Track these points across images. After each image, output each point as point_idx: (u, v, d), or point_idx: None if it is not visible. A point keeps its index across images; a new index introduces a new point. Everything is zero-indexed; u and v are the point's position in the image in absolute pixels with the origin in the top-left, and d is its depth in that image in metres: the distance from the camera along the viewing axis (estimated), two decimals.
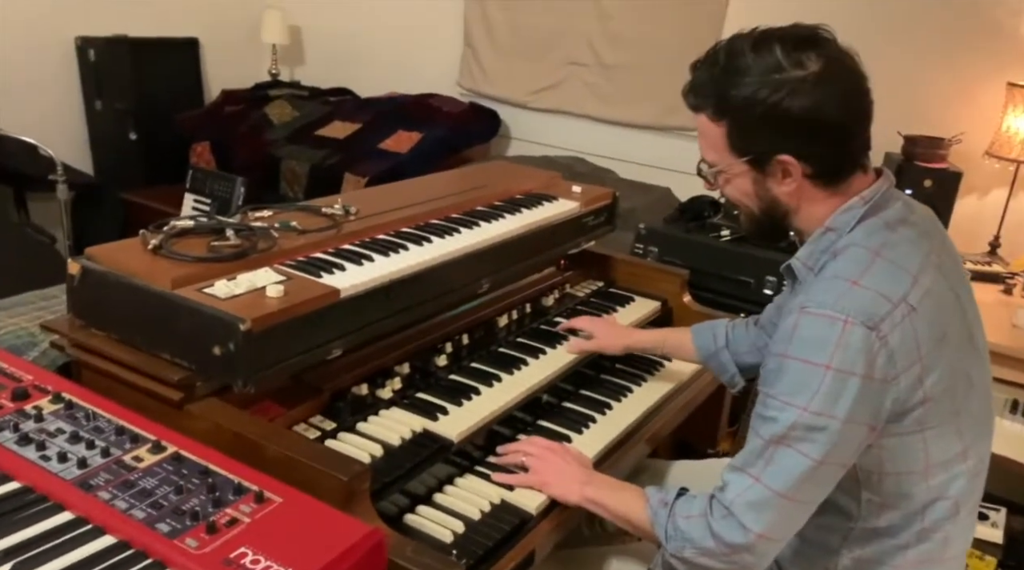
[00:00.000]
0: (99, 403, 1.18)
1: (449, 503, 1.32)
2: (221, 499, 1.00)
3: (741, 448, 1.21)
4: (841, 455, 1.12)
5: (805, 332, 1.11)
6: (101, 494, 1.00)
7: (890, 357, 1.09)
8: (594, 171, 3.43)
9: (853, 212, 1.20)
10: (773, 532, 1.14)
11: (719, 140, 1.22)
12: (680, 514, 1.22)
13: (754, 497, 1.14)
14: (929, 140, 2.77)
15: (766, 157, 1.19)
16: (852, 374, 1.08)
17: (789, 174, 1.19)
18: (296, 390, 1.41)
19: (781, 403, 1.12)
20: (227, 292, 1.26)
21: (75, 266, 1.33)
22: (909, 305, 1.11)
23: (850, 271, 1.13)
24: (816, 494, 1.16)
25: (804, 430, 1.10)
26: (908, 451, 1.16)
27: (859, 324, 1.08)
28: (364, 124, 3.72)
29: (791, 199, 1.22)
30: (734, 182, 1.25)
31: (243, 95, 4.14)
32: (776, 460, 1.12)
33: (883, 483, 1.18)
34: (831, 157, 1.18)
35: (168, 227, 1.43)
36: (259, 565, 0.91)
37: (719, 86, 1.18)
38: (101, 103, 3.85)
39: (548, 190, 2.05)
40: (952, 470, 1.19)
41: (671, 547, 1.22)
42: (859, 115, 1.18)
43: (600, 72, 3.57)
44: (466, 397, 1.50)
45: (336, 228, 1.57)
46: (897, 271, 1.14)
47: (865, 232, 1.18)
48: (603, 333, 1.77)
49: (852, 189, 1.21)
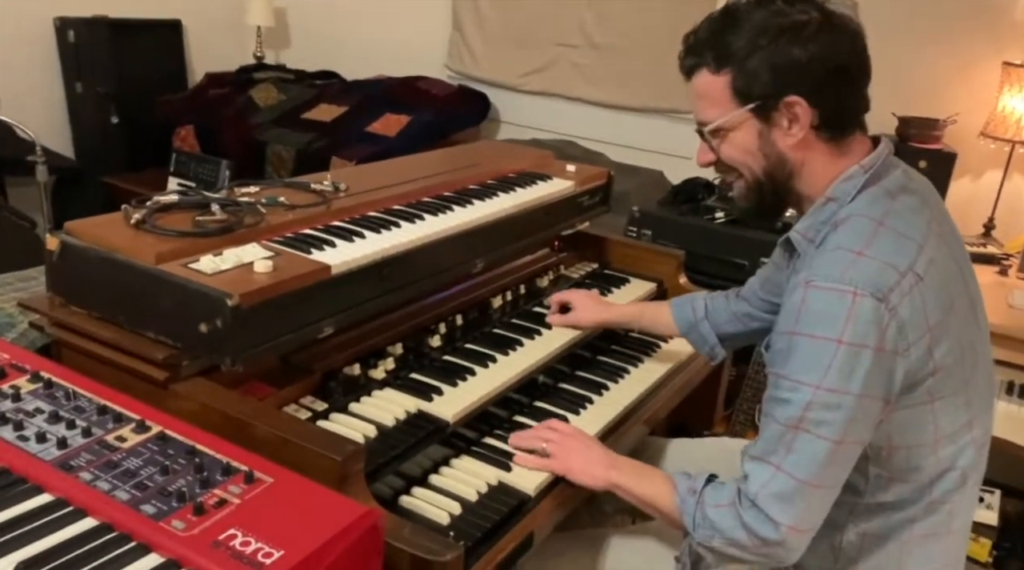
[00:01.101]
0: (80, 382, 1.13)
1: (445, 485, 1.28)
2: (209, 480, 0.96)
3: (736, 429, 1.17)
4: (859, 432, 1.10)
5: (813, 307, 1.08)
6: (82, 475, 0.95)
7: (900, 328, 1.07)
8: (585, 154, 3.39)
9: (854, 181, 1.17)
10: (802, 522, 1.11)
11: (721, 92, 1.17)
12: (709, 503, 1.18)
13: (779, 488, 1.10)
14: (923, 121, 2.74)
15: (773, 101, 1.14)
16: (864, 347, 1.05)
17: (796, 120, 1.15)
18: (286, 370, 1.37)
19: (793, 382, 1.09)
20: (213, 267, 1.21)
21: (54, 241, 1.27)
22: (916, 274, 1.09)
23: (854, 242, 1.11)
24: (839, 476, 1.13)
25: (820, 409, 1.07)
26: (918, 423, 1.14)
27: (868, 295, 1.05)
28: (351, 107, 3.66)
29: (797, 154, 1.18)
30: (736, 138, 1.19)
31: (228, 78, 4.06)
32: (797, 447, 1.09)
33: (892, 457, 1.16)
34: (838, 104, 1.15)
35: (151, 202, 1.38)
36: (249, 547, 0.87)
37: (720, 37, 1.16)
38: (82, 85, 3.77)
39: (542, 169, 2.01)
40: (960, 441, 1.17)
41: (699, 536, 1.18)
42: (862, 66, 1.16)
43: (590, 53, 3.52)
44: (461, 378, 1.46)
45: (326, 204, 1.53)
46: (902, 240, 1.11)
47: (867, 201, 1.15)
48: (580, 305, 1.72)
49: (854, 150, 1.19)
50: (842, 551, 1.24)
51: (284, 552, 0.86)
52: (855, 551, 1.23)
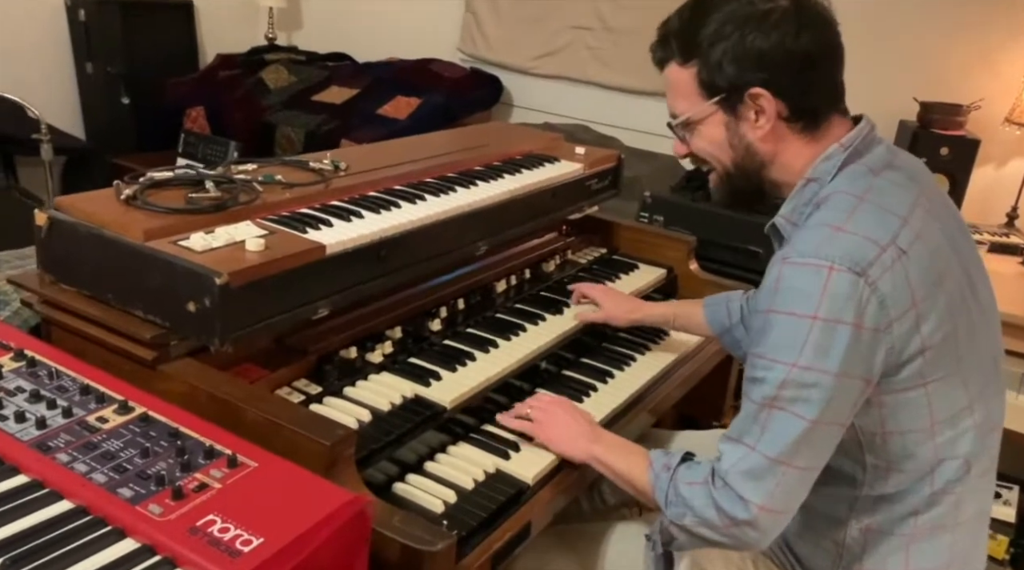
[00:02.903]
0: (65, 361, 1.10)
1: (441, 472, 1.24)
2: (190, 463, 0.93)
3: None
4: (837, 413, 1.05)
5: (788, 283, 1.04)
6: (60, 456, 0.92)
7: (881, 304, 1.02)
8: (598, 139, 3.33)
9: (834, 160, 1.13)
10: (774, 503, 1.07)
11: (688, 85, 1.16)
12: (682, 480, 1.15)
13: (749, 466, 1.07)
14: (946, 107, 2.66)
15: (737, 94, 1.13)
16: (840, 322, 1.01)
17: (763, 112, 1.13)
18: (280, 352, 1.33)
19: (768, 361, 1.05)
20: (204, 245, 1.17)
21: (42, 217, 1.24)
22: (899, 248, 1.05)
23: (834, 217, 1.07)
24: (815, 459, 1.08)
25: (796, 388, 1.03)
26: (911, 408, 1.09)
27: (845, 270, 1.01)
28: (362, 89, 3.62)
29: (766, 145, 1.16)
30: (704, 131, 1.18)
31: (239, 59, 4.02)
32: (771, 426, 1.05)
33: (887, 444, 1.11)
34: (805, 93, 1.12)
35: (144, 178, 1.35)
36: (228, 534, 0.83)
37: (686, 29, 1.16)
38: (92, 66, 3.74)
39: (550, 151, 1.96)
40: (959, 426, 1.12)
41: (671, 513, 1.15)
42: (831, 53, 1.13)
43: (605, 36, 3.46)
44: (460, 363, 1.42)
45: (324, 183, 1.49)
46: (884, 214, 1.07)
47: (848, 178, 1.12)
48: (611, 304, 1.67)
49: (831, 134, 1.15)
50: (846, 548, 1.20)
51: (264, 539, 0.83)
52: (859, 547, 1.19)
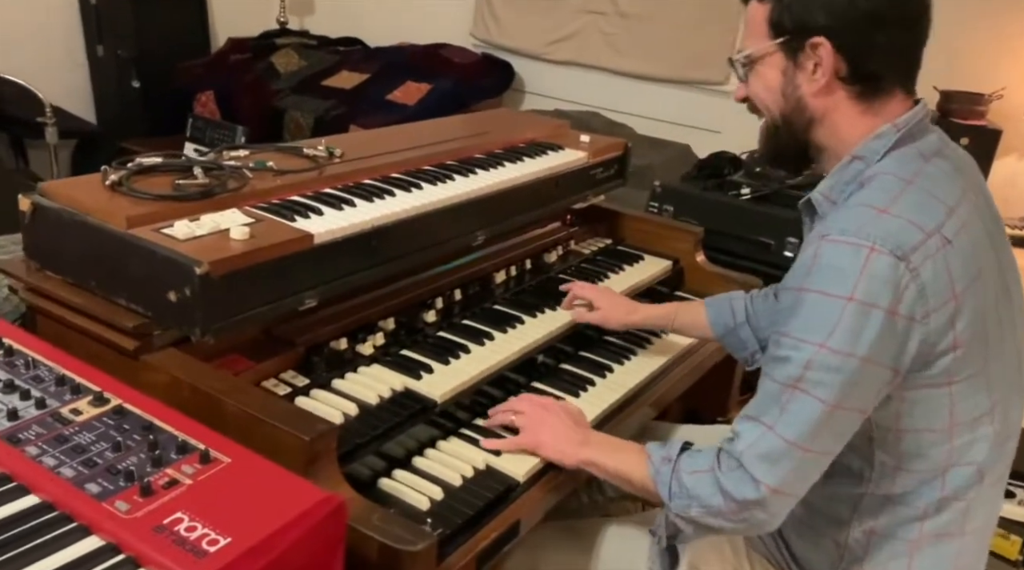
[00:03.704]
0: (44, 351, 1.08)
1: (429, 468, 1.21)
2: (162, 458, 0.90)
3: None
4: (860, 399, 1.01)
5: (825, 261, 1.00)
6: (29, 449, 0.90)
7: (921, 292, 0.98)
8: (609, 126, 3.28)
9: (884, 139, 1.08)
10: (786, 486, 1.04)
11: (760, 23, 1.13)
12: (685, 470, 1.11)
13: (766, 447, 1.03)
14: (967, 95, 2.59)
15: (800, 39, 1.08)
16: (875, 307, 0.97)
17: (820, 64, 1.07)
18: (268, 343, 1.31)
19: (795, 340, 1.01)
20: (187, 233, 1.15)
21: (26, 202, 1.22)
22: (944, 237, 1.00)
23: (878, 199, 1.02)
24: (832, 443, 1.05)
25: (821, 370, 0.99)
26: (932, 406, 1.05)
27: (886, 252, 0.97)
28: (372, 75, 3.58)
29: (818, 103, 1.10)
30: (762, 72, 1.14)
31: (249, 44, 4.00)
32: (792, 408, 1.01)
33: (900, 442, 1.07)
34: (867, 55, 1.06)
35: (132, 164, 1.32)
36: (194, 533, 0.81)
37: None
38: (103, 49, 3.73)
39: (554, 139, 1.92)
40: (977, 431, 1.08)
41: (675, 506, 1.12)
42: (909, 21, 1.07)
43: (618, 21, 3.40)
44: (453, 356, 1.39)
45: (318, 170, 1.46)
46: (931, 200, 1.03)
47: (896, 161, 1.07)
48: (607, 306, 1.60)
49: (887, 112, 1.09)
50: (848, 549, 1.16)
51: (231, 539, 0.80)
52: (861, 550, 1.16)
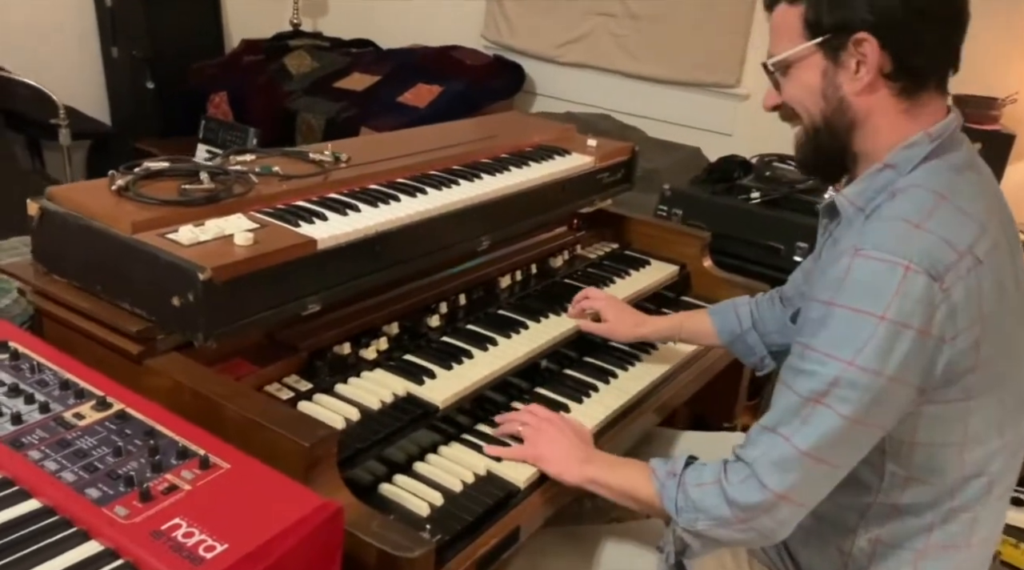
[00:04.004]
0: (49, 355, 1.09)
1: (430, 473, 1.22)
2: (162, 463, 0.91)
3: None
4: (882, 417, 1.01)
5: (859, 277, 0.98)
6: (31, 454, 0.91)
7: (951, 313, 0.97)
8: (620, 129, 3.27)
9: (917, 149, 1.06)
10: (796, 494, 1.03)
11: (793, 24, 1.09)
12: (691, 483, 1.11)
13: (779, 455, 1.02)
14: (980, 99, 2.57)
15: (842, 37, 1.05)
16: (908, 327, 0.96)
17: (864, 62, 1.05)
18: (271, 347, 1.31)
19: (822, 355, 1.00)
20: (191, 238, 1.16)
21: (34, 207, 1.23)
22: (975, 257, 0.99)
23: (913, 212, 1.00)
24: (849, 458, 1.04)
25: (847, 387, 0.98)
26: (948, 421, 1.04)
27: (923, 272, 0.96)
28: (383, 76, 3.60)
29: (860, 103, 1.07)
30: (800, 75, 1.11)
31: (263, 45, 4.02)
32: (812, 420, 1.01)
33: (913, 455, 1.06)
34: (913, 49, 1.04)
35: (140, 168, 1.34)
36: (192, 538, 0.81)
37: None
38: (118, 50, 3.77)
39: (561, 143, 1.92)
40: (989, 445, 1.07)
41: (683, 520, 1.11)
42: (953, 15, 1.04)
43: (629, 23, 3.39)
44: (456, 360, 1.39)
45: (323, 175, 1.46)
46: (964, 218, 1.01)
47: (929, 173, 1.05)
48: (615, 318, 1.60)
49: (925, 113, 1.07)
50: (852, 557, 1.16)
51: (228, 545, 0.81)
52: (866, 558, 1.15)
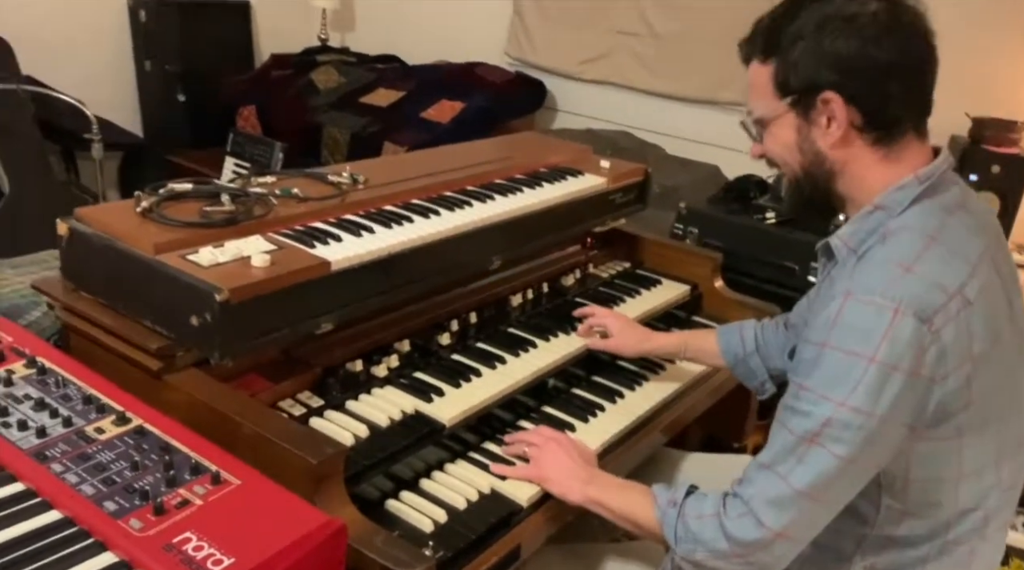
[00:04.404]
0: (74, 370, 1.15)
1: (435, 490, 1.25)
2: (176, 478, 0.96)
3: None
4: (875, 456, 1.03)
5: (850, 319, 1.01)
6: (54, 466, 0.96)
7: (941, 354, 0.99)
8: (640, 146, 3.30)
9: (907, 191, 1.08)
10: (793, 531, 1.06)
11: (766, 83, 1.13)
12: (691, 514, 1.13)
13: (776, 494, 1.05)
14: (1000, 123, 2.55)
15: (809, 96, 1.09)
16: (897, 368, 0.98)
17: (834, 118, 1.08)
18: (286, 364, 1.36)
19: (816, 396, 1.02)
20: (211, 260, 1.21)
21: (63, 227, 1.29)
22: (965, 298, 1.01)
23: (902, 255, 1.03)
24: (844, 495, 1.07)
25: (839, 427, 1.01)
26: (941, 457, 1.06)
27: (911, 315, 0.98)
28: (408, 92, 3.65)
29: (836, 154, 1.11)
30: (776, 132, 1.15)
31: (291, 60, 4.10)
32: (807, 460, 1.03)
33: (908, 490, 1.08)
34: (882, 103, 1.07)
35: (164, 190, 1.39)
36: (201, 552, 0.86)
37: (772, 27, 1.12)
38: (151, 64, 3.87)
39: (575, 164, 1.95)
40: (984, 480, 1.09)
41: (681, 550, 1.14)
42: (918, 66, 1.07)
43: (651, 42, 3.42)
44: (465, 379, 1.43)
45: (341, 197, 1.51)
46: (954, 259, 1.03)
47: (919, 214, 1.07)
48: (620, 333, 1.63)
49: (906, 157, 1.10)
50: None
51: (235, 560, 0.85)
52: None
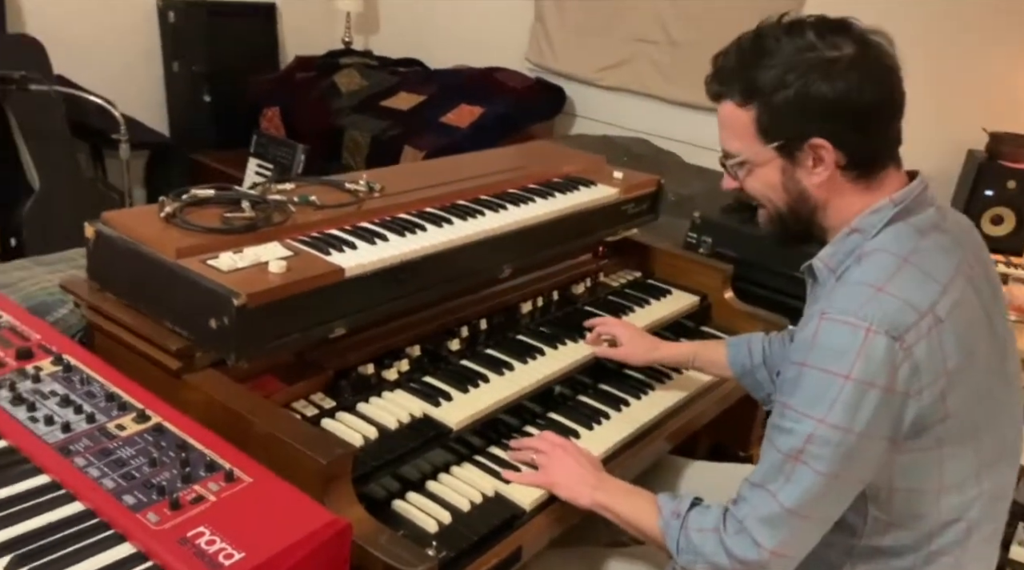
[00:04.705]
0: (98, 368, 1.20)
1: (440, 492, 1.29)
2: (192, 475, 1.01)
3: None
4: (857, 471, 1.07)
5: (825, 340, 1.05)
6: (77, 460, 1.01)
7: (914, 370, 1.03)
8: (656, 154, 3.33)
9: (881, 214, 1.12)
10: (787, 549, 1.10)
11: (746, 127, 1.15)
12: (693, 527, 1.17)
13: (767, 512, 1.09)
14: (1017, 138, 2.56)
15: (797, 143, 1.12)
16: (872, 385, 1.02)
17: (821, 161, 1.12)
18: (300, 366, 1.41)
19: (798, 414, 1.06)
20: (230, 265, 1.26)
21: (90, 229, 1.35)
22: (936, 316, 1.05)
23: (875, 276, 1.07)
24: (832, 510, 1.11)
25: (820, 444, 1.04)
26: (922, 469, 1.10)
27: (882, 333, 1.02)
28: (428, 96, 3.70)
29: (821, 192, 1.15)
30: (760, 174, 1.18)
31: (315, 62, 4.17)
32: (793, 477, 1.07)
33: (892, 500, 1.12)
34: (866, 144, 1.12)
35: (187, 196, 1.44)
36: (213, 546, 0.90)
37: (747, 69, 1.13)
38: (178, 65, 3.95)
39: (588, 174, 1.99)
40: (967, 492, 1.12)
41: (682, 561, 1.18)
42: (893, 103, 1.11)
43: (669, 50, 3.45)
44: (473, 384, 1.47)
45: (357, 204, 1.56)
46: (925, 279, 1.07)
47: (893, 236, 1.11)
48: (629, 342, 1.66)
49: (885, 185, 1.14)
50: None
51: (245, 554, 0.90)
52: None
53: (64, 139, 3.19)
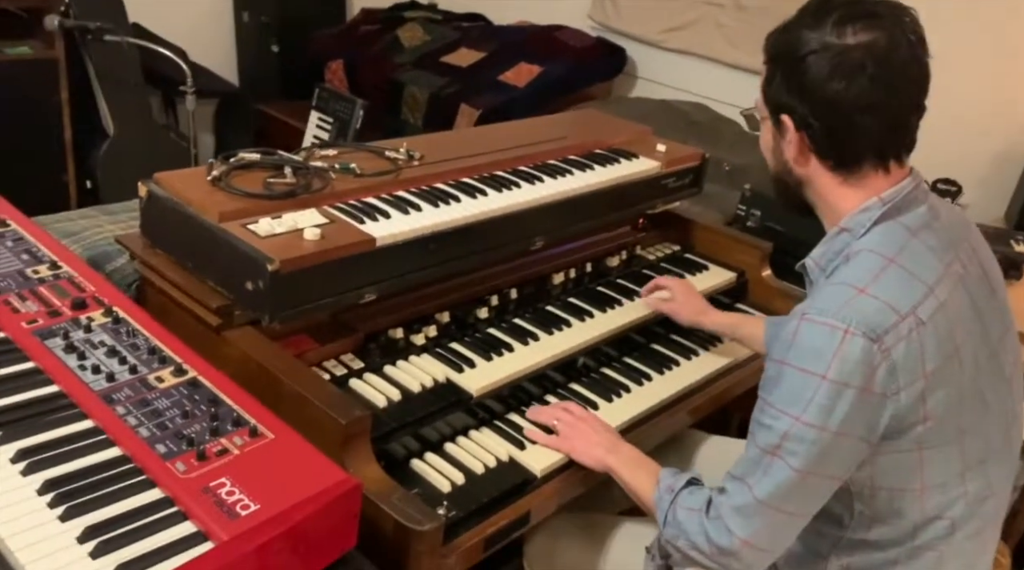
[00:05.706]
0: (144, 321, 1.29)
1: (457, 454, 1.36)
2: (219, 429, 1.09)
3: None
4: (831, 467, 1.09)
5: (804, 340, 1.07)
6: (118, 408, 1.10)
7: (891, 371, 1.04)
8: (714, 122, 3.27)
9: (870, 213, 1.13)
10: (759, 541, 1.14)
11: (761, 84, 1.21)
12: (682, 505, 1.22)
13: (741, 502, 1.13)
14: None
15: (775, 114, 1.18)
16: (848, 386, 1.04)
17: (792, 141, 1.16)
18: (333, 327, 1.48)
19: (777, 411, 1.09)
20: (268, 230, 1.33)
21: (143, 189, 1.44)
22: (918, 318, 1.06)
23: (859, 277, 1.08)
24: (806, 506, 1.13)
25: (795, 441, 1.08)
26: (902, 469, 1.11)
27: (860, 335, 1.03)
28: (489, 53, 3.70)
29: (799, 168, 1.19)
30: (764, 131, 1.24)
31: (380, 15, 4.20)
32: (770, 471, 1.11)
33: (875, 498, 1.14)
34: (831, 138, 1.13)
35: (235, 159, 1.52)
36: (233, 496, 0.99)
37: (774, 34, 1.18)
38: (248, 15, 4.04)
39: (631, 146, 1.99)
40: (949, 493, 1.14)
41: (667, 533, 1.24)
42: (886, 111, 1.10)
43: (736, 14, 3.36)
44: (497, 352, 1.52)
45: (395, 173, 1.61)
46: (910, 280, 1.08)
47: (881, 236, 1.11)
48: (681, 298, 1.72)
49: (868, 184, 1.14)
50: None
51: (260, 506, 0.98)
52: None
53: (137, 87, 3.32)
